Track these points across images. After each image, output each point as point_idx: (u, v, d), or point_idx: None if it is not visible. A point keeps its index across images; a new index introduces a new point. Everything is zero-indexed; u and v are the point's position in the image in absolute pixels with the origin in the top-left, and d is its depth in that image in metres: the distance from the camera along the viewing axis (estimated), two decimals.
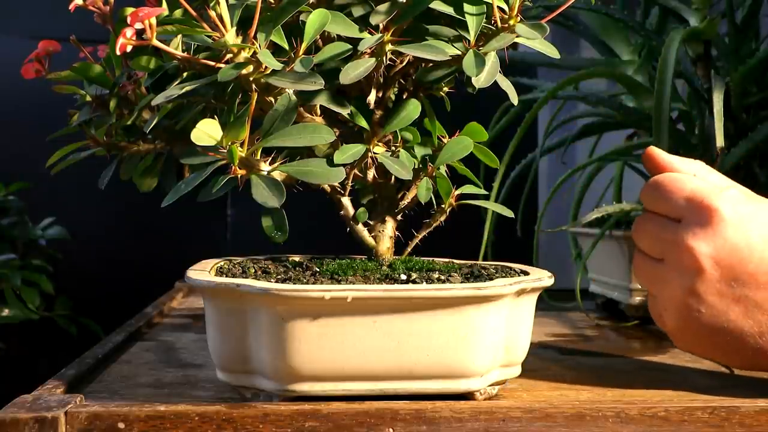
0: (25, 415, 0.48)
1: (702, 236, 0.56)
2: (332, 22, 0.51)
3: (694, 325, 0.57)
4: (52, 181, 0.90)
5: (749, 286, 0.55)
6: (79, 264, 1.65)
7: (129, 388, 0.58)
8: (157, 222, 1.60)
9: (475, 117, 0.60)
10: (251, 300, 0.50)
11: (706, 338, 0.57)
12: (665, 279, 0.58)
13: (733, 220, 0.56)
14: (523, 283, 0.53)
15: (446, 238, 0.70)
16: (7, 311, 1.44)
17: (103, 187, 0.62)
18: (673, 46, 0.76)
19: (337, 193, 0.59)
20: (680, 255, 0.57)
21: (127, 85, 0.59)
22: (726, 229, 0.56)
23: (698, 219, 0.56)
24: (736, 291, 0.55)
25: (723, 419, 0.51)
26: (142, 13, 0.48)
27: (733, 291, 0.56)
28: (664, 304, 0.58)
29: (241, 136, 0.50)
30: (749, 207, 0.57)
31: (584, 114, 1.00)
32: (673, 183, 0.59)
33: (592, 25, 0.96)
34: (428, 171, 0.59)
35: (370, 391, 0.51)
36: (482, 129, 0.59)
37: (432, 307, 0.50)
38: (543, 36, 0.53)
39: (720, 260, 0.56)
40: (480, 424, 0.50)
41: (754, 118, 0.85)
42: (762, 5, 0.85)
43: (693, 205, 0.57)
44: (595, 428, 0.50)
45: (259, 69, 0.50)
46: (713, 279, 0.56)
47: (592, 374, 0.64)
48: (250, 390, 0.53)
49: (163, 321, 0.90)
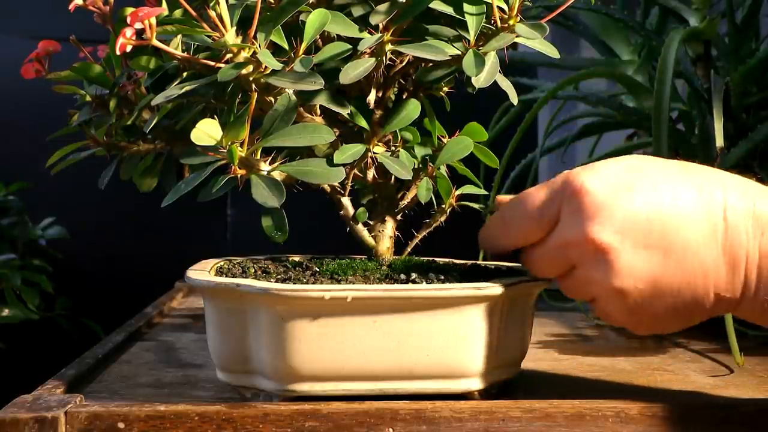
0: (25, 415, 0.48)
1: (591, 221, 0.51)
2: (332, 22, 0.51)
3: (642, 302, 0.52)
4: (52, 181, 0.90)
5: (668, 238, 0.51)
6: (79, 264, 1.65)
7: (129, 388, 0.58)
8: (157, 222, 1.60)
9: (475, 117, 0.60)
10: (251, 300, 0.50)
11: (660, 309, 0.52)
12: (589, 279, 0.52)
13: (603, 190, 0.51)
14: (522, 283, 0.53)
15: (446, 238, 0.69)
16: (7, 311, 1.44)
17: (103, 187, 0.62)
18: (673, 46, 0.76)
19: (337, 193, 0.59)
20: (585, 249, 0.51)
21: (127, 85, 0.59)
22: (605, 201, 0.51)
23: (573, 209, 0.52)
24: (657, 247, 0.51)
25: (723, 419, 0.51)
26: (142, 13, 0.48)
27: (653, 250, 0.51)
28: (605, 302, 0.53)
29: (241, 136, 0.50)
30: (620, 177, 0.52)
31: (584, 114, 1.00)
32: (525, 197, 0.54)
33: (592, 25, 0.96)
34: (428, 171, 0.59)
35: (370, 391, 0.51)
36: (482, 129, 0.59)
37: (432, 307, 0.50)
38: (543, 36, 0.53)
39: (622, 231, 0.51)
40: (480, 424, 0.50)
41: (754, 118, 0.85)
42: (762, 5, 0.85)
43: (564, 196, 0.52)
44: (595, 428, 0.50)
45: (259, 69, 0.50)
46: (628, 250, 0.51)
47: (592, 374, 0.64)
48: (250, 390, 0.53)
49: (163, 321, 0.90)
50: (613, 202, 0.51)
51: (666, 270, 0.51)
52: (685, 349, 0.74)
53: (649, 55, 0.92)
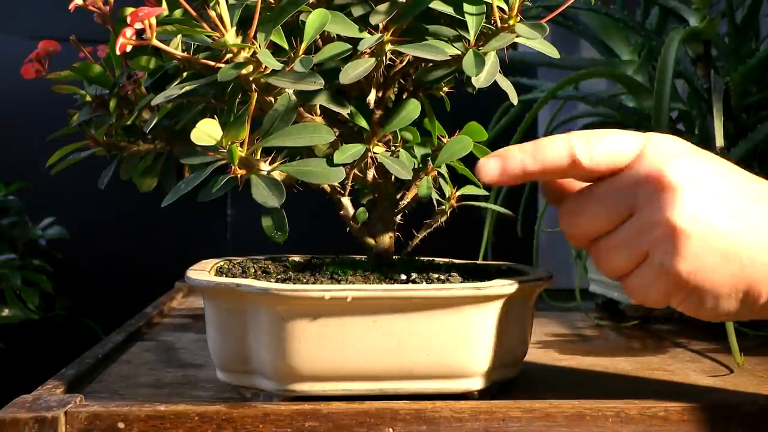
0: (25, 415, 0.48)
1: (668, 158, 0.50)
2: (332, 22, 0.51)
3: (704, 255, 0.50)
4: (52, 181, 0.90)
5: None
6: (79, 264, 1.65)
7: (129, 388, 0.58)
8: (157, 222, 1.60)
9: (475, 117, 0.60)
10: (251, 300, 0.50)
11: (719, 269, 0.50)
12: (647, 226, 0.50)
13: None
14: (522, 283, 0.53)
15: (446, 238, 0.70)
16: (7, 311, 1.44)
17: (103, 187, 0.62)
18: (673, 46, 0.76)
19: (337, 193, 0.59)
20: (653, 184, 0.50)
21: (127, 85, 0.59)
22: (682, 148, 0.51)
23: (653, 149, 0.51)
24: (726, 206, 0.50)
25: (723, 419, 0.51)
26: (142, 13, 0.48)
27: (723, 207, 0.50)
28: (664, 246, 0.50)
29: (241, 136, 0.50)
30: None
31: (584, 114, 1.00)
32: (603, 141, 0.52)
33: (592, 25, 0.96)
34: (428, 170, 0.58)
35: (370, 391, 0.51)
36: (482, 129, 0.59)
37: (432, 307, 0.50)
38: (543, 36, 0.53)
39: (696, 175, 0.50)
40: (480, 423, 0.50)
41: (754, 118, 0.85)
42: (762, 5, 0.85)
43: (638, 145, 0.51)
44: (595, 428, 0.50)
45: (259, 69, 0.50)
46: (698, 194, 0.49)
47: (592, 374, 0.64)
48: (250, 390, 0.53)
49: (163, 321, 0.90)
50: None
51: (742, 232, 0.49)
52: (685, 349, 0.74)
53: (649, 55, 0.92)
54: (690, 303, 0.51)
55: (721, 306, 0.51)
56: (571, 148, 0.52)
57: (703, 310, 0.51)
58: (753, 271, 0.50)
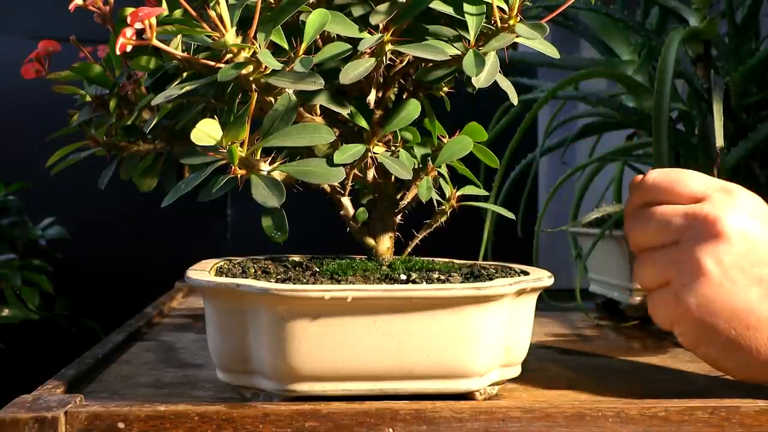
0: (25, 415, 0.48)
1: (731, 210, 0.55)
2: (332, 22, 0.51)
3: (715, 302, 0.54)
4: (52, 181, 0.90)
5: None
6: (79, 264, 1.65)
7: (129, 388, 0.58)
8: (157, 222, 1.60)
9: (475, 117, 0.60)
10: (251, 300, 0.50)
11: (723, 320, 0.55)
12: (682, 257, 0.56)
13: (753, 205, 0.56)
14: (522, 283, 0.53)
15: (446, 238, 0.70)
16: (7, 311, 1.44)
17: (103, 187, 0.62)
18: (673, 46, 0.76)
19: (337, 193, 0.59)
20: (705, 226, 0.55)
21: (127, 85, 0.59)
22: (752, 210, 0.56)
23: (723, 197, 0.56)
24: (758, 271, 0.54)
25: (723, 419, 0.51)
26: (142, 13, 0.48)
27: (754, 271, 0.54)
28: (684, 279, 0.55)
29: (241, 136, 0.50)
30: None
31: (584, 114, 1.00)
32: (682, 174, 0.58)
33: (592, 25, 0.96)
34: (428, 170, 0.58)
35: (370, 391, 0.51)
36: (482, 129, 0.59)
37: (432, 307, 0.50)
38: (543, 36, 0.53)
39: (746, 234, 0.54)
40: (480, 424, 0.50)
41: (754, 118, 0.85)
42: (762, 5, 0.85)
43: (714, 189, 0.57)
44: (595, 428, 0.50)
45: (259, 69, 0.50)
46: (739, 252, 0.54)
47: (592, 374, 0.64)
48: (250, 390, 0.53)
49: (163, 321, 0.90)
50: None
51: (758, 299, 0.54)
52: (686, 349, 0.74)
53: (649, 55, 0.92)
54: (685, 338, 0.57)
55: (712, 353, 0.56)
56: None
57: (699, 351, 0.57)
58: (756, 334, 0.54)
